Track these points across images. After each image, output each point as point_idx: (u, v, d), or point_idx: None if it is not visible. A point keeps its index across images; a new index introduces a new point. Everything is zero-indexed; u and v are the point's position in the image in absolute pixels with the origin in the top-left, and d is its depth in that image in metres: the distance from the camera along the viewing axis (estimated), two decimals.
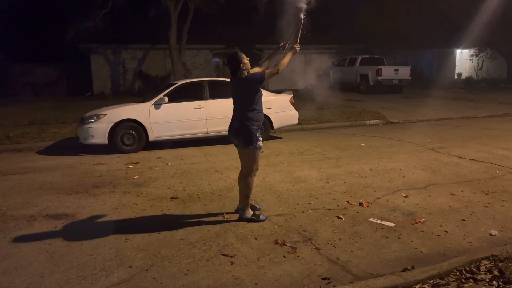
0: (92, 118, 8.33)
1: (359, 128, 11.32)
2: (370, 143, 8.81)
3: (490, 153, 7.31)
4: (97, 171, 6.85)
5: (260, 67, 4.48)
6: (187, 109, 8.73)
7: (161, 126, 8.52)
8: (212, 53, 25.09)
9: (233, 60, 4.12)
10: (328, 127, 11.45)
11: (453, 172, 6.09)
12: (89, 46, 21.89)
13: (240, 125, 4.11)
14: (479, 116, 12.75)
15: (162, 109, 8.53)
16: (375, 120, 12.23)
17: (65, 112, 14.15)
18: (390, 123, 12.04)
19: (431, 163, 6.70)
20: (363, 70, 20.85)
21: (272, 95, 9.58)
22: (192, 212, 4.66)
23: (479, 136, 9.24)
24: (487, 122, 11.53)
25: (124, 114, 8.39)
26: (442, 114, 13.02)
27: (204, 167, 6.89)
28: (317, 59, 24.36)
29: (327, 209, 4.62)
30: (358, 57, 21.67)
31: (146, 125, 8.42)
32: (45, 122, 11.99)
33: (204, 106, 8.78)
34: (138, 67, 23.16)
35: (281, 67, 4.15)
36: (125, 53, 22.90)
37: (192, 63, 24.11)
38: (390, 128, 11.20)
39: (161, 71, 23.24)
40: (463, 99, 17.47)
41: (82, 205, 5.02)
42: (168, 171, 6.68)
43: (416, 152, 7.68)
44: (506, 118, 12.34)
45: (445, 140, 8.79)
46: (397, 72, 20.25)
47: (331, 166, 6.70)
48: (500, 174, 5.94)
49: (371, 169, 6.41)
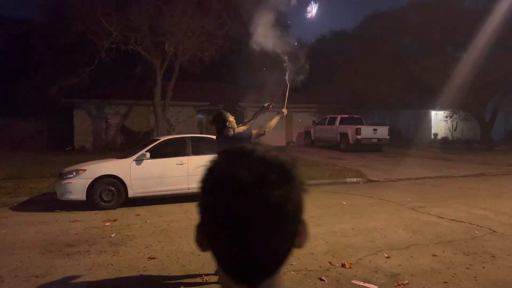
0: (71, 173, 8.20)
1: (341, 186, 11.40)
2: (351, 201, 8.84)
3: (469, 213, 7.41)
4: (72, 228, 6.63)
5: (245, 126, 4.57)
6: (169, 165, 8.70)
7: (142, 182, 8.43)
8: (196, 110, 25.49)
9: (219, 119, 4.19)
10: (310, 185, 11.24)
11: (434, 232, 6.11)
12: (73, 101, 22.00)
13: None
14: (456, 176, 13.04)
15: (143, 165, 8.48)
16: (356, 178, 12.37)
17: (44, 166, 13.89)
18: (370, 181, 12.19)
19: (412, 223, 6.73)
20: (343, 129, 21.39)
21: None
22: (170, 273, 4.50)
23: (457, 196, 9.40)
24: (464, 182, 11.78)
25: (104, 170, 8.30)
26: (421, 173, 13.29)
27: (184, 225, 6.74)
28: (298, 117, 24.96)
29: (310, 271, 4.53)
30: (338, 117, 22.31)
31: (126, 181, 8.32)
32: (22, 177, 11.70)
33: (186, 162, 8.78)
34: (121, 122, 23.23)
35: (268, 130, 4.24)
36: (108, 108, 23.05)
37: (175, 119, 24.35)
38: (370, 186, 11.32)
39: (145, 126, 23.35)
40: (440, 158, 17.93)
41: (54, 265, 4.80)
42: (146, 229, 6.51)
43: (397, 211, 7.73)
44: (481, 178, 12.65)
45: (425, 199, 8.90)
46: (375, 131, 20.84)
47: (314, 225, 6.65)
48: (479, 234, 5.98)
49: (353, 228, 6.39)
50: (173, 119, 24.07)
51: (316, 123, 24.06)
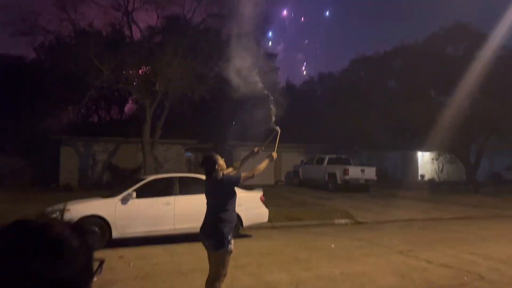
0: (54, 213, 8.00)
1: (329, 227, 11.30)
2: (339, 243, 8.74)
3: (457, 258, 7.36)
4: None
5: (234, 168, 4.56)
6: (155, 205, 8.56)
7: (127, 222, 8.25)
8: (185, 148, 25.47)
9: (208, 161, 4.18)
10: (298, 225, 11.39)
11: (423, 278, 6.03)
12: (60, 138, 21.84)
13: (212, 226, 4.05)
14: (444, 218, 13.05)
15: (129, 205, 8.33)
16: (344, 219, 12.30)
17: (26, 204, 13.53)
18: (358, 223, 12.12)
19: (400, 267, 6.64)
20: (331, 169, 21.50)
21: (242, 192, 9.54)
22: None
23: (445, 239, 9.36)
24: (451, 225, 11.78)
25: (88, 210, 8.13)
26: (409, 215, 13.28)
27: (169, 268, 6.56)
28: (287, 157, 25.05)
29: None
30: (325, 157, 22.47)
31: (110, 222, 8.13)
32: (2, 217, 11.33)
33: (172, 202, 8.66)
34: (109, 160, 23.02)
35: (257, 172, 4.24)
36: (96, 145, 22.89)
37: (164, 156, 24.24)
38: (358, 228, 11.24)
39: (132, 164, 23.14)
40: (427, 200, 18.00)
41: None
42: (129, 273, 6.31)
43: (385, 254, 7.65)
44: (469, 221, 12.66)
45: (413, 242, 8.84)
46: (363, 172, 20.97)
47: (301, 269, 6.53)
48: (468, 281, 5.92)
49: (341, 273, 6.27)
50: (161, 157, 23.96)
51: (304, 163, 24.18)
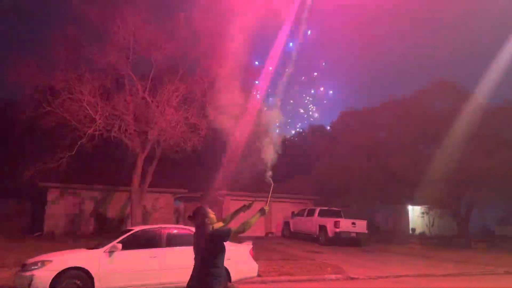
0: (36, 264, 7.70)
1: (320, 283, 11.01)
2: None
3: None
4: None
5: (224, 221, 4.50)
6: (141, 258, 8.31)
7: (111, 276, 7.95)
8: (174, 197, 25.15)
9: (198, 214, 4.14)
10: (288, 280, 11.08)
11: None
12: (48, 185, 21.46)
13: (200, 281, 3.95)
14: (436, 275, 12.80)
15: (114, 257, 8.07)
16: (335, 274, 11.98)
17: (8, 253, 13.03)
18: (350, 278, 11.80)
19: None
20: (321, 221, 21.24)
21: (231, 245, 9.35)
22: None
23: None
24: (444, 282, 11.57)
25: (71, 262, 7.85)
26: (401, 271, 13.02)
27: None
28: (277, 209, 24.79)
29: None
30: (316, 209, 22.28)
31: (94, 275, 7.82)
32: None
33: (159, 255, 8.41)
34: (96, 208, 22.56)
35: (248, 227, 4.19)
36: (84, 194, 22.50)
37: (152, 205, 23.85)
38: (350, 284, 10.95)
39: (120, 213, 22.69)
40: (419, 255, 17.76)
41: None
42: None
43: None
44: (462, 278, 12.45)
45: None
46: (354, 225, 20.71)
47: None
48: None
49: None
50: (150, 206, 23.58)
51: (294, 214, 23.90)
